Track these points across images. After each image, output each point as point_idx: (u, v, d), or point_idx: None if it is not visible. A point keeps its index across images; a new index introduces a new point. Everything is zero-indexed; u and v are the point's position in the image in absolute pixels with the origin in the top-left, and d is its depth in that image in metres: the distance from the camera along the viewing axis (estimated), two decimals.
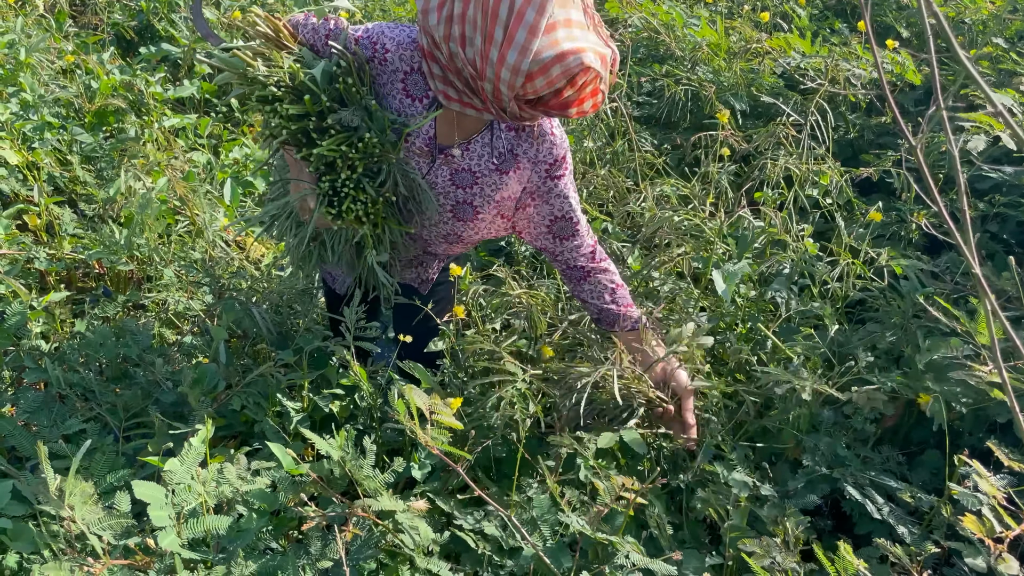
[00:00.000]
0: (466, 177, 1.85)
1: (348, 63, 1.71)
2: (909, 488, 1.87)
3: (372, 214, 1.80)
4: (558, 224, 1.92)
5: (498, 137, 1.82)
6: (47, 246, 2.74)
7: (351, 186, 1.75)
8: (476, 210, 1.90)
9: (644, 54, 3.99)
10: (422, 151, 1.84)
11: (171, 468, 1.64)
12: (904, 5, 4.43)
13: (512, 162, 1.84)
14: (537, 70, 1.49)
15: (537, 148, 1.82)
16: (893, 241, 2.76)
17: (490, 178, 1.85)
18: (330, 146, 1.68)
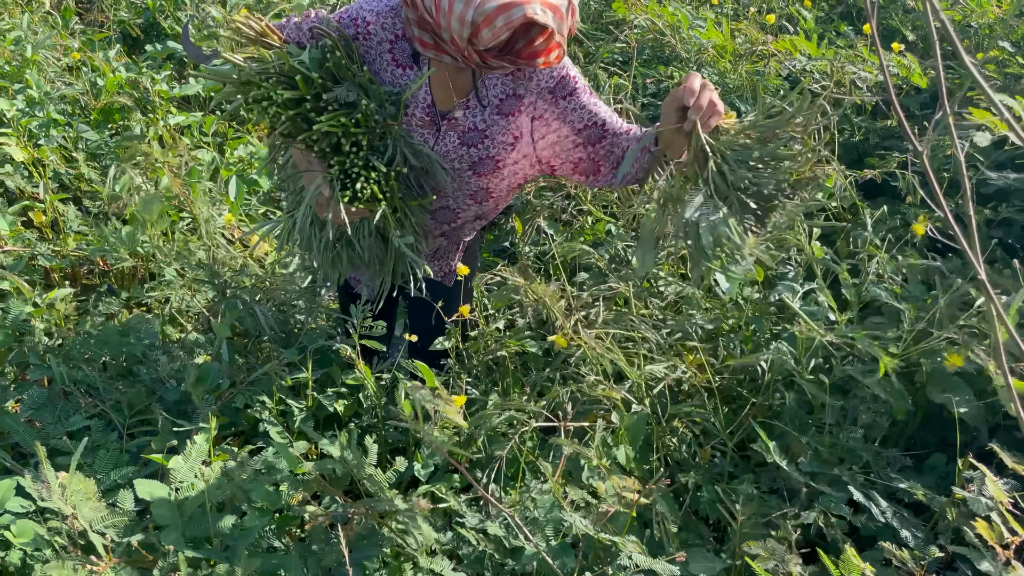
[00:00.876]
0: (475, 135, 1.83)
1: (334, 42, 1.71)
2: (914, 490, 1.87)
3: (387, 191, 1.77)
4: (586, 132, 1.85)
5: (492, 85, 1.79)
6: (52, 243, 2.75)
7: (360, 165, 1.73)
8: (496, 160, 1.88)
9: (649, 55, 3.99)
10: (424, 122, 1.83)
11: (175, 466, 1.64)
12: (910, 8, 4.43)
13: (516, 103, 1.81)
14: (482, 21, 1.48)
15: (536, 80, 1.78)
16: (898, 245, 2.75)
17: (497, 125, 1.83)
18: (330, 121, 1.67)
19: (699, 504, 1.89)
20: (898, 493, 1.93)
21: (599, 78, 3.58)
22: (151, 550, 1.57)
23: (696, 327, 2.24)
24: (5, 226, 2.59)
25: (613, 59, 3.99)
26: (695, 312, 2.30)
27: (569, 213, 2.95)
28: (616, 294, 2.35)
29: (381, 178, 1.75)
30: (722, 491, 1.89)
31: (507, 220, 3.15)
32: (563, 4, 1.54)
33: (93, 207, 3.05)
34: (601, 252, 2.59)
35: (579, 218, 2.93)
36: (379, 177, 1.74)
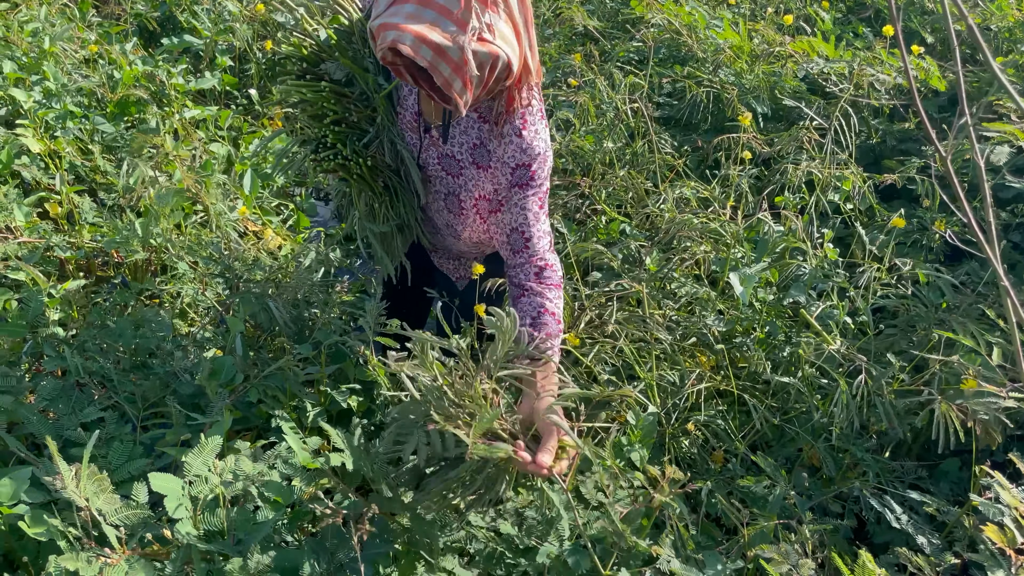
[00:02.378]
0: (452, 164, 1.83)
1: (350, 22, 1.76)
2: (929, 498, 1.86)
3: (355, 171, 1.81)
4: (513, 235, 1.81)
5: (468, 128, 1.78)
6: (67, 235, 2.76)
7: (331, 136, 1.78)
8: (462, 204, 1.87)
9: (665, 54, 3.98)
10: (412, 126, 1.84)
11: (188, 460, 1.64)
12: (929, 10, 4.40)
13: (486, 157, 1.79)
14: (375, 31, 1.49)
15: (504, 148, 1.75)
16: (914, 249, 2.74)
17: (470, 171, 1.82)
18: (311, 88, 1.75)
19: (712, 507, 1.88)
20: (909, 501, 1.92)
21: (615, 77, 3.57)
22: (164, 543, 1.58)
23: (710, 329, 2.23)
24: (21, 217, 2.60)
25: (629, 58, 3.98)
26: (708, 314, 2.29)
27: (583, 212, 2.94)
28: (629, 294, 2.34)
29: (351, 157, 1.78)
30: (733, 495, 1.89)
31: None
32: (454, 52, 1.46)
33: (108, 199, 3.06)
34: (614, 252, 2.59)
35: (593, 218, 2.92)
36: (349, 155, 1.78)
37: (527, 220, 1.78)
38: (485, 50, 1.48)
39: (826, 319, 2.22)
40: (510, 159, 1.74)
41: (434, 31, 1.45)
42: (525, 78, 1.64)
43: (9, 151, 2.89)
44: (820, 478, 2.04)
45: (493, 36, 1.49)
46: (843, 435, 2.02)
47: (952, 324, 2.18)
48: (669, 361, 2.16)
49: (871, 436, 2.10)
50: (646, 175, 3.07)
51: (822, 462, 2.01)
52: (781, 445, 2.10)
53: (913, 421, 1.99)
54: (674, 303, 2.39)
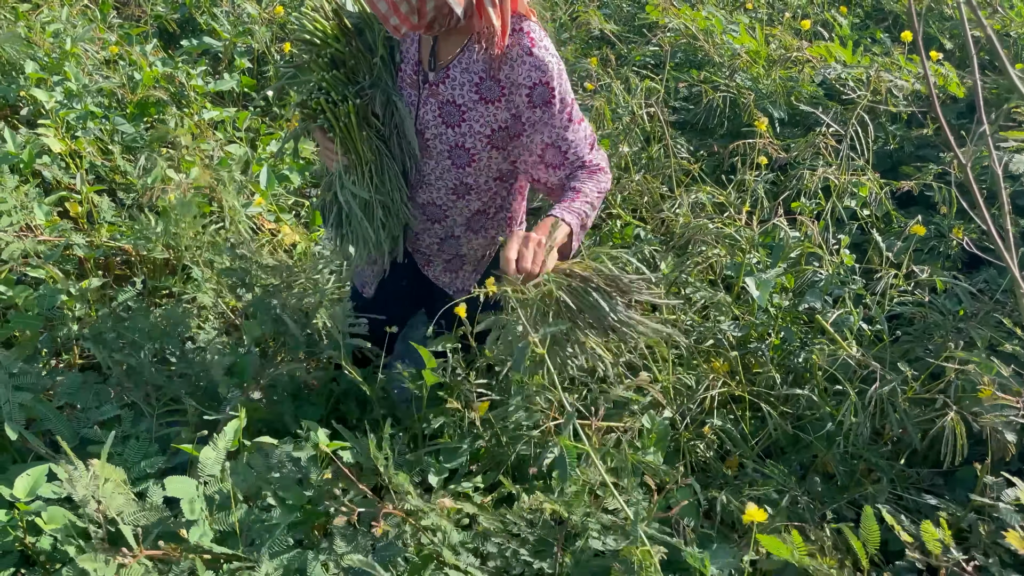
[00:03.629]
0: (453, 112, 1.82)
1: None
2: (945, 504, 1.85)
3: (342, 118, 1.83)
4: (548, 152, 1.82)
5: (473, 62, 1.79)
6: (86, 233, 2.78)
7: (326, 81, 1.84)
8: (470, 151, 1.86)
9: (682, 59, 3.98)
10: (412, 80, 1.86)
11: (203, 458, 1.65)
12: (947, 16, 4.38)
13: (496, 90, 1.79)
14: None
15: (517, 71, 1.75)
16: (931, 256, 2.73)
17: (476, 111, 1.81)
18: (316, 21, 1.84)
19: (727, 514, 1.88)
20: (923, 509, 1.91)
21: (631, 81, 3.57)
22: (179, 542, 1.59)
23: (725, 334, 2.22)
24: (42, 216, 2.63)
25: (645, 62, 3.98)
26: (724, 319, 2.28)
27: (598, 216, 2.95)
28: None
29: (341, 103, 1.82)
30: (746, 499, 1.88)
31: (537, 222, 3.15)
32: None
33: (127, 199, 3.09)
34: (629, 256, 2.59)
35: (608, 222, 2.93)
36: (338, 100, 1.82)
37: (559, 134, 1.80)
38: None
39: (841, 325, 2.22)
40: (525, 79, 1.74)
41: None
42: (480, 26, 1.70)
43: (31, 150, 2.92)
44: (835, 485, 2.03)
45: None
46: (857, 442, 2.01)
47: (969, 332, 2.17)
48: (685, 365, 2.16)
49: (886, 443, 2.10)
50: (661, 179, 3.07)
51: (836, 469, 2.01)
52: (795, 451, 2.09)
53: (928, 428, 1.98)
54: (689, 307, 2.39)
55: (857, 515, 1.94)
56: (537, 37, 1.74)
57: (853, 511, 1.95)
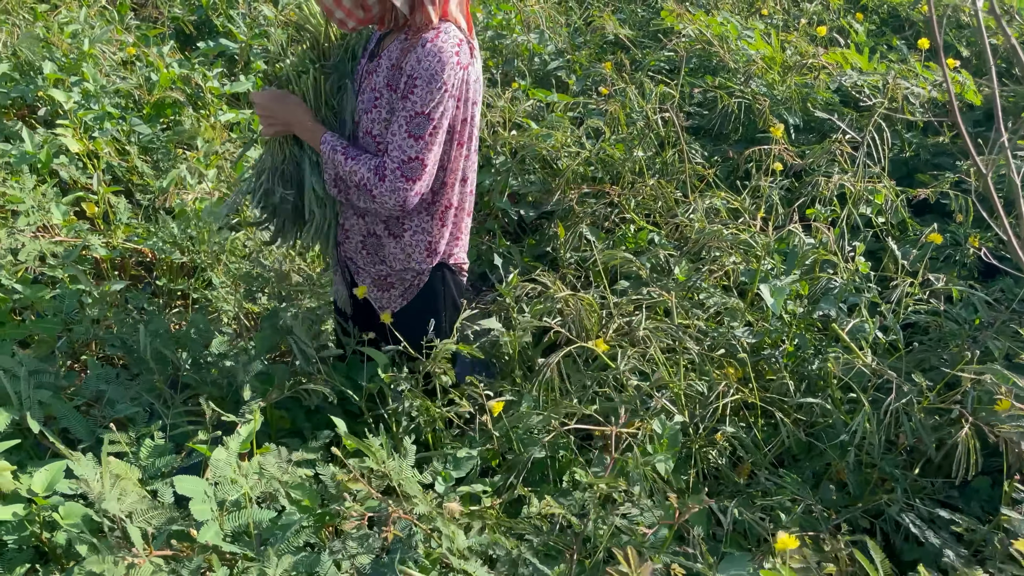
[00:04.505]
0: (372, 98, 1.88)
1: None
2: (959, 516, 1.83)
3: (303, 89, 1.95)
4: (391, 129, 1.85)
5: (395, 48, 1.85)
6: (103, 234, 2.80)
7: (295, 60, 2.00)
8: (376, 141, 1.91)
9: (696, 64, 3.97)
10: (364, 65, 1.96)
11: (215, 459, 1.66)
12: (964, 24, 4.35)
13: (399, 78, 1.82)
14: None
15: (409, 59, 1.79)
16: (947, 264, 2.71)
17: (383, 97, 1.86)
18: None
19: (739, 523, 1.87)
20: (937, 521, 1.90)
21: (645, 86, 3.57)
22: (190, 541, 1.59)
23: (739, 341, 2.22)
24: (59, 216, 2.65)
25: (659, 67, 3.97)
26: (737, 325, 2.28)
27: (611, 220, 2.94)
28: (657, 303, 2.34)
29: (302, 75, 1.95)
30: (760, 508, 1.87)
31: (550, 225, 3.15)
32: None
33: (144, 200, 3.10)
34: (643, 260, 2.59)
35: (621, 227, 2.92)
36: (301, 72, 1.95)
37: (393, 130, 1.83)
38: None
39: (856, 333, 2.21)
40: (406, 70, 1.79)
41: None
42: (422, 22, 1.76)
43: (48, 150, 2.94)
44: (848, 493, 2.02)
45: None
46: (871, 451, 2.00)
47: (986, 342, 2.16)
48: (697, 371, 2.15)
49: (900, 452, 2.08)
50: (676, 185, 3.07)
51: (848, 478, 2.00)
52: (808, 459, 2.08)
53: (943, 438, 1.97)
54: (703, 313, 2.38)
55: (871, 525, 1.93)
56: (442, 39, 1.77)
57: (868, 521, 1.94)
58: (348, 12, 1.76)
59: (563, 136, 3.20)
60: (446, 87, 1.77)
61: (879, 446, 1.98)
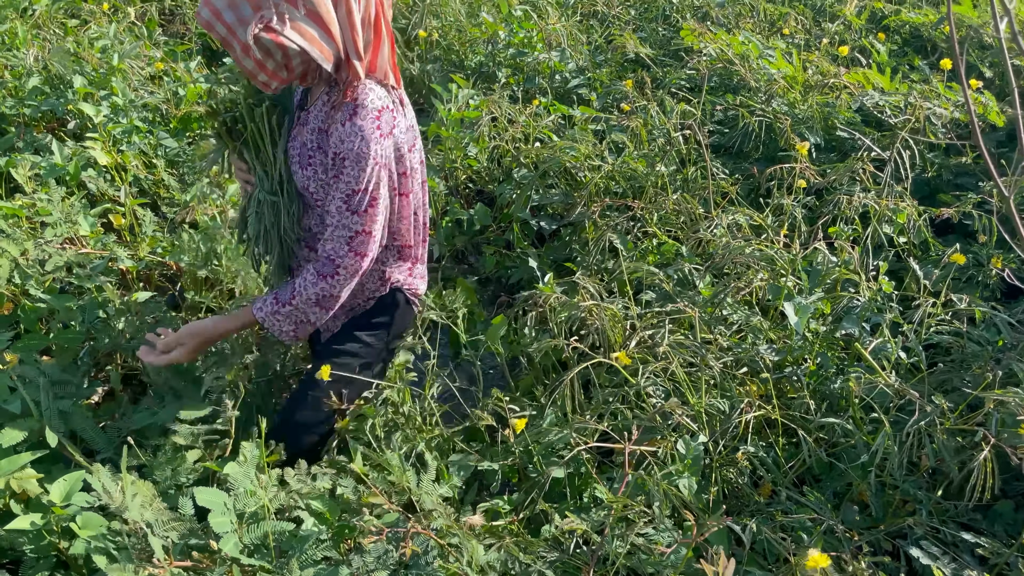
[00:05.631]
0: (304, 154, 1.87)
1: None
2: (983, 539, 1.81)
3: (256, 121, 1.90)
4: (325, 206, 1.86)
5: (321, 109, 1.84)
6: (129, 247, 2.84)
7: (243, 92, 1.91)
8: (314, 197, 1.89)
9: (717, 83, 3.98)
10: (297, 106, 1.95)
11: (232, 472, 1.67)
12: (987, 44, 4.34)
13: (325, 142, 1.82)
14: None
15: (333, 133, 1.78)
16: (969, 285, 2.69)
17: (316, 158, 1.85)
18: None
19: (759, 543, 1.86)
20: (961, 544, 1.88)
21: (666, 104, 3.58)
22: (209, 553, 1.60)
23: (762, 357, 2.21)
24: (86, 227, 2.69)
25: (680, 86, 3.99)
26: (761, 342, 2.27)
27: (634, 234, 2.95)
28: (681, 317, 2.34)
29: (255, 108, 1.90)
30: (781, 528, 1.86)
31: (570, 236, 3.16)
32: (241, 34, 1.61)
33: (170, 212, 3.14)
34: (669, 272, 2.59)
35: (643, 240, 2.93)
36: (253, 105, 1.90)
37: (330, 210, 1.83)
38: (269, 38, 1.61)
39: (878, 353, 2.20)
40: (331, 145, 1.78)
41: (230, 10, 1.61)
42: (348, 78, 1.74)
43: (77, 163, 2.99)
44: (869, 515, 2.00)
45: (283, 27, 1.61)
46: (893, 472, 1.99)
47: (1009, 363, 2.14)
48: (720, 388, 2.14)
49: (922, 474, 2.06)
50: (698, 201, 3.07)
51: (871, 500, 1.98)
52: (830, 479, 2.07)
53: (966, 460, 1.95)
54: (726, 329, 2.38)
55: (894, 547, 1.91)
56: (360, 116, 1.75)
57: (890, 543, 1.92)
58: (272, 74, 1.71)
59: (586, 148, 3.21)
60: (375, 161, 1.77)
61: (901, 467, 1.96)
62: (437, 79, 4.25)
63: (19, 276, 2.35)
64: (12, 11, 4.34)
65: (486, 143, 3.49)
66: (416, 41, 4.52)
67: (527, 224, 3.28)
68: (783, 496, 1.99)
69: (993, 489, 1.81)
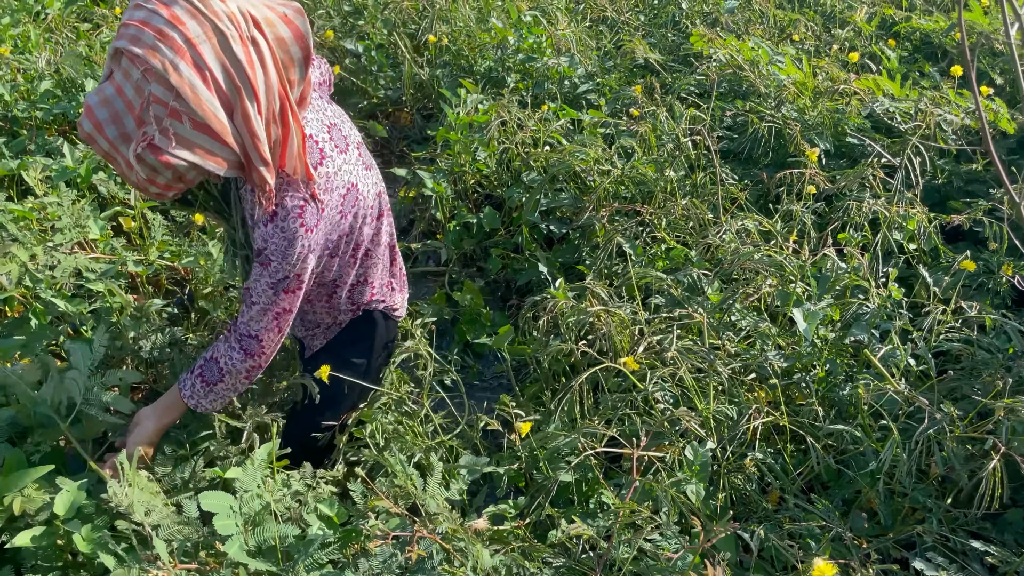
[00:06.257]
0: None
1: None
2: (992, 548, 1.80)
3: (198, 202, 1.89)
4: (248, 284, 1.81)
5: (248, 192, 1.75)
6: (138, 251, 2.85)
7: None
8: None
9: (726, 89, 3.97)
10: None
11: (240, 475, 1.67)
12: (998, 51, 4.32)
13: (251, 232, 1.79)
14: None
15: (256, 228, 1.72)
16: (980, 292, 2.68)
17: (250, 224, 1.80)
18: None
19: (767, 550, 1.85)
20: (970, 553, 1.87)
21: (676, 109, 3.58)
22: (216, 555, 1.61)
23: (771, 363, 2.20)
24: (96, 230, 2.70)
25: (690, 91, 3.98)
26: (769, 348, 2.26)
27: (642, 239, 2.94)
28: (690, 323, 2.33)
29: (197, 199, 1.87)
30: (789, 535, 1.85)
31: (578, 239, 3.16)
32: (124, 150, 1.50)
33: (179, 216, 3.15)
34: (678, 277, 2.58)
35: (652, 245, 2.92)
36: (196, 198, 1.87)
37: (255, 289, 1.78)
38: (153, 157, 1.48)
39: (887, 360, 2.19)
40: (256, 240, 1.72)
41: (113, 125, 1.48)
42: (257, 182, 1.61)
43: (88, 166, 3.01)
44: (878, 523, 1.99)
45: (168, 143, 1.48)
46: (903, 479, 1.98)
47: (1019, 371, 2.13)
48: (728, 394, 2.14)
49: (932, 482, 2.05)
50: (707, 206, 3.06)
51: (879, 507, 1.97)
52: (838, 486, 2.06)
53: (975, 469, 1.94)
54: (734, 335, 2.37)
55: (903, 555, 1.90)
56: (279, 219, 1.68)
57: (899, 551, 1.91)
58: (164, 187, 1.58)
59: (595, 152, 3.21)
60: (301, 252, 1.72)
61: (911, 475, 1.95)
62: (446, 84, 4.26)
63: (29, 279, 2.37)
64: (25, 15, 4.37)
65: (495, 147, 3.50)
66: (425, 46, 4.53)
67: (536, 227, 3.28)
68: (791, 503, 1.99)
69: (1003, 498, 1.80)
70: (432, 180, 3.43)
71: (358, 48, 4.50)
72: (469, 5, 4.73)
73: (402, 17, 4.67)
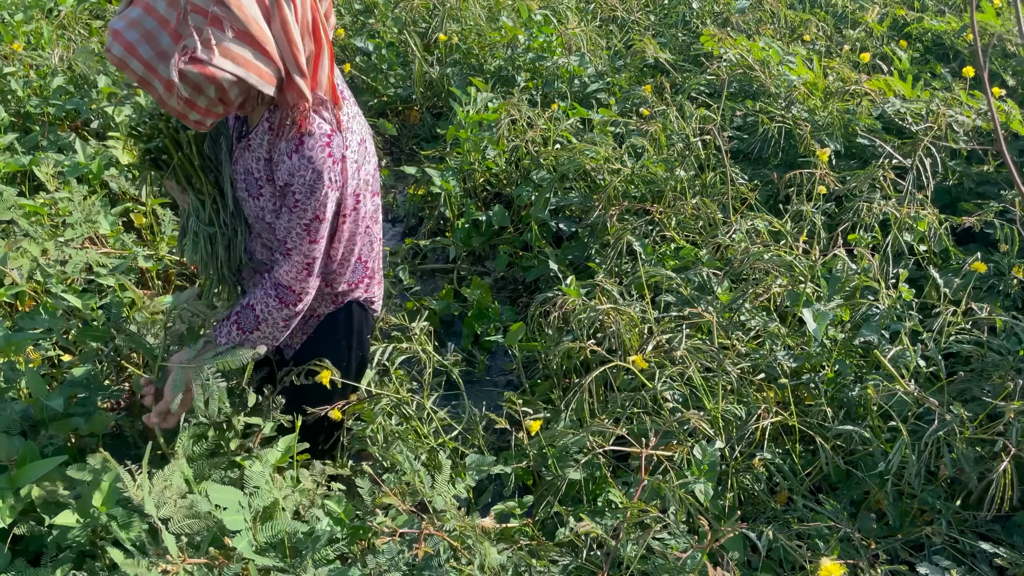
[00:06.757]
0: (252, 184, 1.74)
1: None
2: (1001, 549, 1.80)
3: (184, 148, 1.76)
4: (277, 244, 1.77)
5: (263, 137, 1.68)
6: (148, 246, 2.87)
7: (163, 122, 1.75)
8: (271, 226, 1.79)
9: (737, 89, 3.97)
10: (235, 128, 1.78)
11: (250, 470, 1.68)
12: (1010, 52, 4.30)
13: (272, 172, 1.70)
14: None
15: (279, 165, 1.65)
16: (990, 294, 2.67)
17: (266, 188, 1.73)
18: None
19: (775, 551, 1.85)
20: (979, 555, 1.86)
21: (686, 109, 3.57)
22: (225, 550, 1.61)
23: (780, 363, 2.20)
24: (107, 226, 2.72)
25: (700, 91, 3.98)
26: (779, 348, 2.26)
27: (652, 238, 2.94)
28: (699, 322, 2.33)
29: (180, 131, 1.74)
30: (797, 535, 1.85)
31: (587, 237, 3.16)
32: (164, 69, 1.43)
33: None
34: (688, 276, 2.58)
35: (661, 244, 2.92)
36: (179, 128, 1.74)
37: (286, 239, 1.73)
38: (196, 71, 1.41)
39: (897, 361, 2.18)
40: (279, 177, 1.66)
41: (146, 44, 1.41)
42: (293, 100, 1.56)
43: (99, 162, 3.02)
44: (887, 524, 1.99)
45: (211, 55, 1.41)
46: (912, 481, 1.97)
47: None
48: (737, 394, 2.14)
49: (941, 484, 2.05)
50: (717, 206, 3.06)
51: (888, 508, 1.97)
52: (847, 487, 2.06)
53: (985, 470, 1.93)
54: (744, 334, 2.37)
55: (911, 557, 1.90)
56: (307, 146, 1.62)
57: (907, 552, 1.91)
58: (205, 112, 1.51)
59: (605, 151, 3.21)
60: (329, 188, 1.66)
61: (920, 477, 1.95)
62: (456, 82, 4.26)
63: (40, 274, 2.38)
64: (38, 11, 4.39)
65: (504, 145, 3.50)
66: (436, 45, 4.54)
67: (546, 225, 3.28)
68: (799, 503, 1.98)
69: (1012, 500, 1.79)
70: (441, 178, 3.43)
71: (368, 46, 4.51)
72: (479, 4, 4.73)
73: (413, 16, 4.68)
